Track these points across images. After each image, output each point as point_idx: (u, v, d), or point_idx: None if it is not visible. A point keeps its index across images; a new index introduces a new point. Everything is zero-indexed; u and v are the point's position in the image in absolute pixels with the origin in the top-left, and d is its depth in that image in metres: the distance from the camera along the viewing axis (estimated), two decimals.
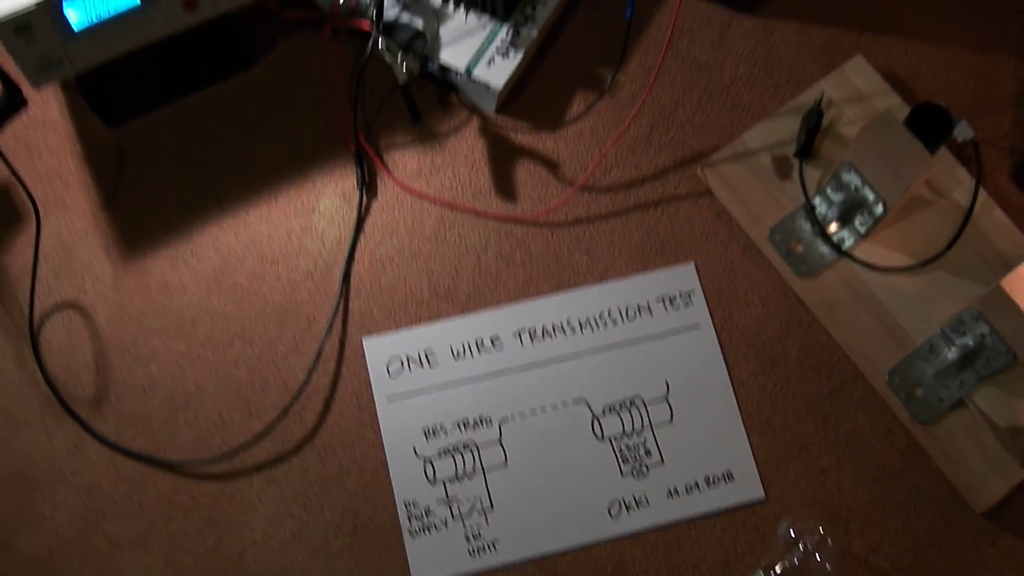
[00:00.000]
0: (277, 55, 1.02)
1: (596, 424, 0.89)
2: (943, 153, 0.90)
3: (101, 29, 0.88)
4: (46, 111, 1.02)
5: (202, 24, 0.92)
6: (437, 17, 0.98)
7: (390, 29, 0.96)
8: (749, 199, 0.94)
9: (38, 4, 0.83)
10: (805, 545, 0.83)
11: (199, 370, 0.91)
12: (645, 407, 0.89)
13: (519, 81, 0.98)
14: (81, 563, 0.86)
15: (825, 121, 0.93)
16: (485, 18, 0.98)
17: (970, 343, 0.85)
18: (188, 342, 0.92)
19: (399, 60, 0.93)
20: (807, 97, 0.96)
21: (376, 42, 0.93)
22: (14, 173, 0.91)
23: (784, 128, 0.96)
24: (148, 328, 0.93)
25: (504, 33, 0.97)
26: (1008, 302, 0.80)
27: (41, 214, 0.95)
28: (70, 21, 0.86)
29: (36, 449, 0.89)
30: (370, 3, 0.95)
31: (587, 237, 0.94)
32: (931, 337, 0.88)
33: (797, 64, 1.01)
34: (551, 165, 0.97)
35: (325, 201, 0.96)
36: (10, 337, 0.93)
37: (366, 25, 0.95)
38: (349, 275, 0.94)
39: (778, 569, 0.83)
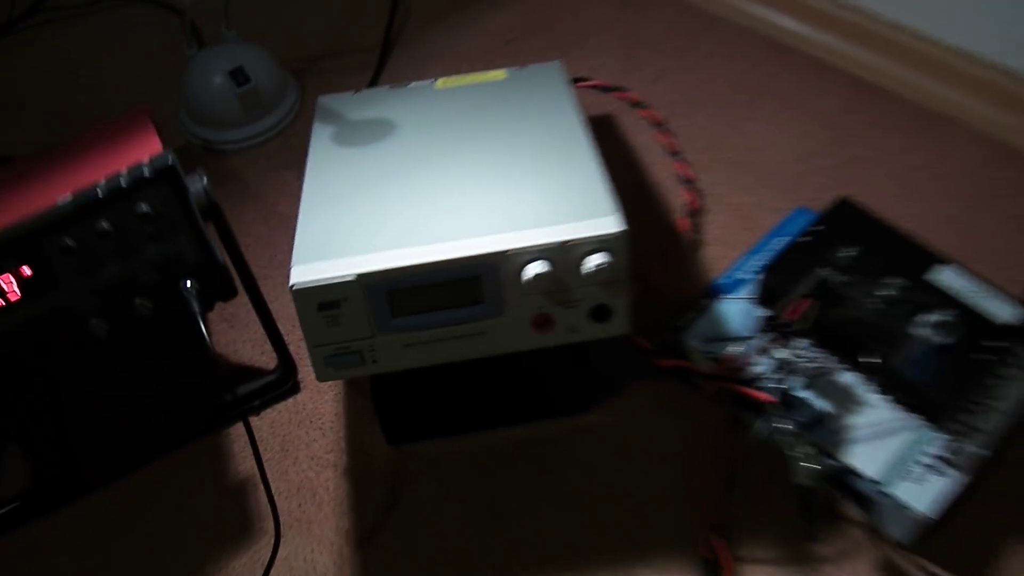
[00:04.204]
0: (624, 402, 0.78)
1: None
2: None
3: (427, 329, 0.67)
4: (318, 404, 0.82)
5: (545, 349, 0.70)
6: (850, 401, 0.73)
7: (788, 403, 0.72)
8: None
9: (359, 276, 0.64)
10: None
11: None
12: None
13: (952, 508, 0.70)
14: None
15: None
16: (913, 417, 0.72)
17: None
18: None
19: (801, 451, 0.67)
20: None
21: (768, 422, 0.68)
22: (264, 478, 0.69)
23: None
24: None
25: (940, 440, 0.70)
26: None
27: (281, 535, 0.72)
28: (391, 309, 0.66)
29: None
30: (769, 372, 0.71)
31: None
32: None
33: None
34: None
35: None
36: None
37: (766, 397, 0.71)
38: None
39: None
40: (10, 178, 0.80)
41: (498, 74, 0.89)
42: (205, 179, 0.70)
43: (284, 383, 0.82)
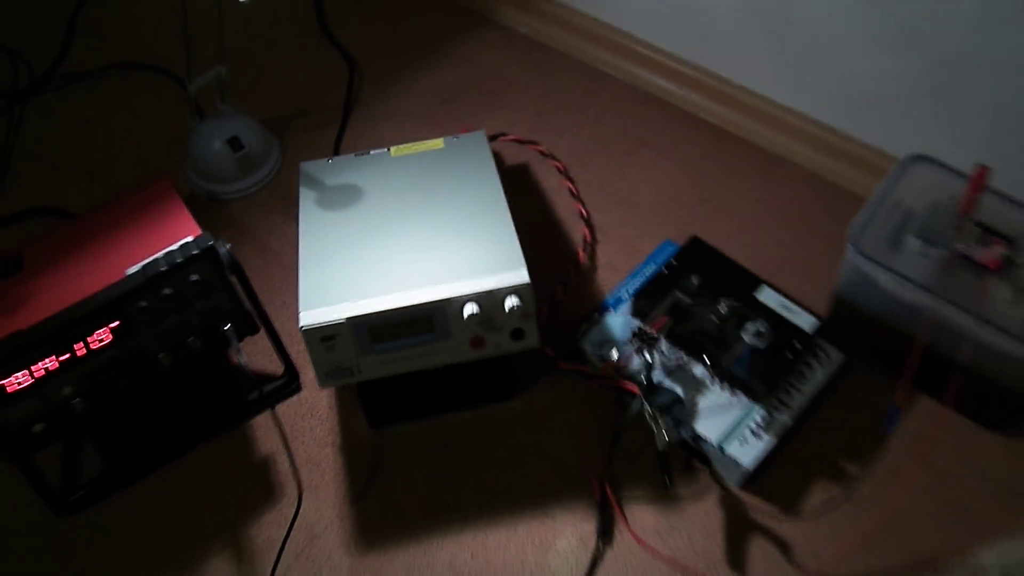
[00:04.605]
0: (538, 392, 1.09)
1: None
2: None
3: (395, 351, 0.96)
4: (316, 400, 1.10)
5: (480, 359, 1.00)
6: (697, 387, 1.04)
7: (653, 390, 1.02)
8: None
9: (347, 319, 0.93)
10: None
11: None
12: None
13: (766, 461, 1.01)
14: None
15: None
16: (743, 396, 1.03)
17: None
18: None
19: (660, 425, 0.98)
20: None
21: (641, 404, 0.99)
22: (290, 454, 0.98)
23: (1019, 552, 0.95)
24: None
25: (759, 414, 1.01)
26: None
27: (295, 496, 1.01)
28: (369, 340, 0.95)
29: None
30: (640, 368, 1.02)
31: None
32: None
33: None
34: (784, 548, 0.98)
35: (562, 541, 0.99)
36: None
37: (633, 387, 1.02)
38: None
39: None
40: (70, 240, 1.05)
41: (437, 143, 1.16)
42: (228, 245, 0.98)
43: (290, 384, 1.11)
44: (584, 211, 1.25)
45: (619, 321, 1.10)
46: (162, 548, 1.01)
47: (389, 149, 1.16)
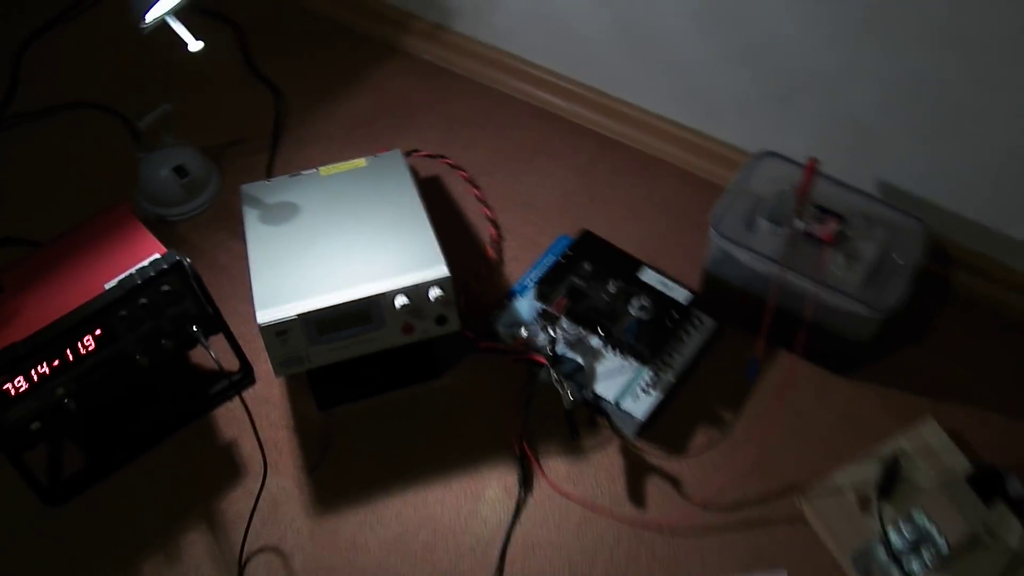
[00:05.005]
0: (462, 370, 1.28)
1: None
2: (999, 505, 1.10)
3: (338, 340, 1.14)
4: (269, 390, 1.27)
5: (411, 343, 1.18)
6: (595, 356, 1.24)
7: (557, 360, 1.22)
8: (836, 527, 1.13)
9: (298, 315, 1.10)
10: None
11: None
12: None
13: (655, 413, 1.21)
14: None
15: (901, 470, 1.14)
16: (633, 361, 1.23)
17: None
18: None
19: (565, 389, 1.17)
20: (887, 447, 1.17)
21: (548, 373, 1.19)
22: (257, 436, 1.15)
23: (867, 471, 1.16)
24: None
25: (647, 375, 1.22)
26: None
27: (258, 472, 1.18)
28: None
29: None
30: (545, 343, 1.22)
31: (701, 545, 1.14)
32: None
33: (879, 419, 1.22)
34: (675, 483, 1.18)
35: (490, 491, 1.18)
36: (220, 570, 1.13)
37: (541, 359, 1.21)
38: (504, 555, 1.14)
39: None
40: (44, 264, 1.20)
41: (360, 162, 1.34)
42: (188, 259, 1.15)
43: (247, 378, 1.28)
44: (490, 213, 1.44)
45: (526, 305, 1.30)
46: (144, 527, 1.17)
47: (319, 169, 1.33)
